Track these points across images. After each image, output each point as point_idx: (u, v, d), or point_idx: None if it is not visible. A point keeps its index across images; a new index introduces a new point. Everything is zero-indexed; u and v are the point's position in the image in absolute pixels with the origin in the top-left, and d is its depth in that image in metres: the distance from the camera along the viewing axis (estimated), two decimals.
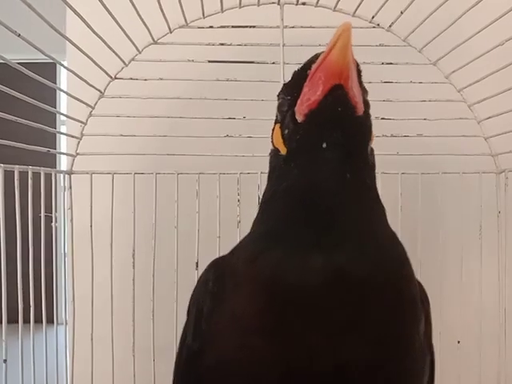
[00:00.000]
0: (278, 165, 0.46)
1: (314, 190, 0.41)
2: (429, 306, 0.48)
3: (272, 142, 0.49)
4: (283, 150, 0.46)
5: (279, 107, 0.47)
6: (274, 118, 0.50)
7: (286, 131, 0.45)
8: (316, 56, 0.43)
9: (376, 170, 0.47)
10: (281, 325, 0.39)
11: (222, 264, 0.47)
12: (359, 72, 0.44)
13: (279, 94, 0.48)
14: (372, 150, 0.46)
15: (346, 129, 0.41)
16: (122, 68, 0.81)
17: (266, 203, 0.47)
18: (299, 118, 0.43)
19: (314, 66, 0.42)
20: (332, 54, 0.39)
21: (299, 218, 0.41)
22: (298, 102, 0.43)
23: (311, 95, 0.41)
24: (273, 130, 0.49)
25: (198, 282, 0.49)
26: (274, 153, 0.48)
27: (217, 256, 0.50)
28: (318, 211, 0.41)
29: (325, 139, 0.41)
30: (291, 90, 0.45)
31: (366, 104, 0.44)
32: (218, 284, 0.45)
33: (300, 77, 0.44)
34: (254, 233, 0.46)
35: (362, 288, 0.39)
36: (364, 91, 0.44)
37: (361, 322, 0.39)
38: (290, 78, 0.48)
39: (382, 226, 0.43)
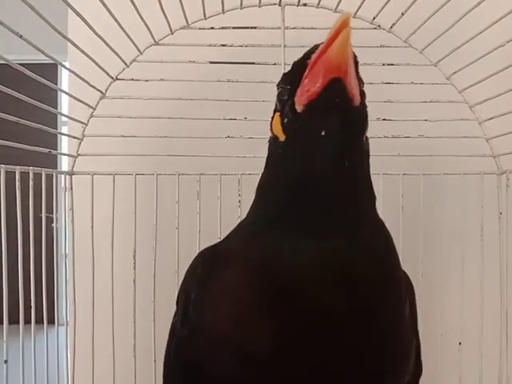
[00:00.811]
0: (276, 151, 0.47)
1: (312, 176, 0.43)
2: (413, 294, 0.51)
3: (271, 129, 0.50)
4: (282, 137, 0.47)
5: (279, 96, 0.48)
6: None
7: (286, 120, 0.46)
8: (315, 47, 0.44)
9: (377, 171, 0.47)
10: (271, 302, 0.41)
11: (211, 250, 0.49)
12: (356, 63, 0.45)
13: (279, 83, 0.49)
14: (367, 138, 0.47)
15: (343, 118, 0.42)
16: (124, 69, 0.81)
17: (263, 188, 0.48)
18: (299, 107, 0.44)
19: (313, 56, 0.43)
20: (331, 50, 0.40)
21: (295, 203, 0.43)
22: (298, 92, 0.44)
23: (311, 86, 0.42)
24: (272, 118, 0.50)
25: (188, 270, 0.51)
26: (273, 140, 0.49)
27: None
28: (315, 197, 0.42)
29: (323, 127, 0.42)
30: (291, 80, 0.46)
31: (363, 94, 0.45)
32: (205, 268, 0.47)
33: (300, 67, 0.45)
34: (250, 217, 0.48)
35: (351, 270, 0.41)
36: (360, 82, 0.45)
37: (349, 300, 0.41)
38: (289, 69, 0.48)
39: (373, 213, 0.46)
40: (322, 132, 0.42)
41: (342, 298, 0.40)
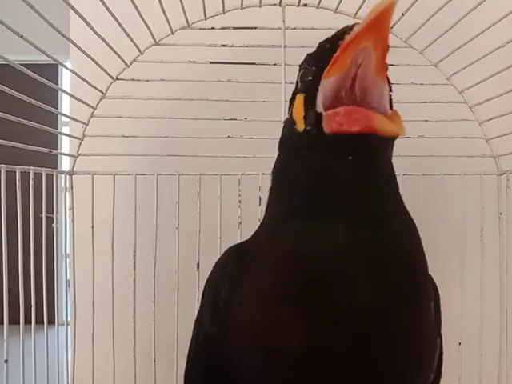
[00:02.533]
0: (291, 137, 0.46)
1: (335, 167, 0.42)
2: (438, 294, 0.50)
3: (291, 111, 0.48)
4: (301, 126, 0.45)
5: (302, 77, 0.46)
6: (295, 85, 0.49)
7: (308, 120, 0.44)
8: (349, 27, 0.42)
9: None
10: (305, 297, 0.40)
11: (239, 248, 0.48)
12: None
13: (302, 63, 0.47)
14: None
15: (370, 150, 0.42)
16: (124, 69, 0.81)
17: (281, 177, 0.47)
18: (326, 128, 0.42)
19: (347, 38, 0.40)
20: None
21: (319, 194, 0.42)
22: (329, 113, 0.41)
23: (345, 123, 0.40)
24: (292, 99, 0.49)
25: (215, 266, 0.49)
26: (290, 122, 0.47)
27: (218, 257, 0.50)
28: (339, 187, 0.42)
29: (350, 155, 0.41)
30: (318, 60, 0.44)
31: (391, 101, 0.44)
32: (236, 266, 0.45)
33: (330, 47, 0.43)
34: (272, 210, 0.47)
35: (382, 258, 0.40)
36: (389, 86, 0.44)
37: (381, 287, 0.40)
38: (315, 49, 0.46)
39: (398, 203, 0.45)
40: (348, 157, 0.41)
41: (375, 287, 0.40)
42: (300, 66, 0.47)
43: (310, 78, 0.45)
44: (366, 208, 0.41)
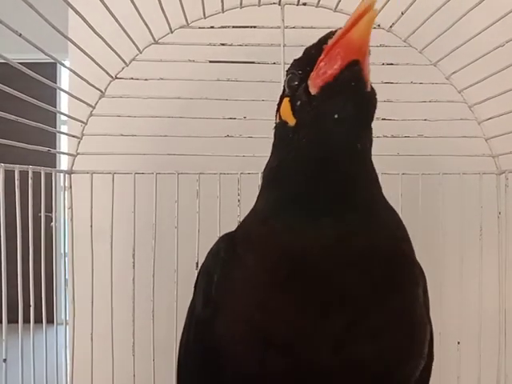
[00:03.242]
0: (286, 135, 0.47)
1: (326, 159, 0.43)
2: (425, 280, 0.50)
3: (278, 115, 0.50)
4: (291, 121, 0.47)
5: (289, 81, 0.48)
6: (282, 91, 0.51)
7: (298, 103, 0.46)
8: (331, 33, 0.44)
9: (377, 171, 0.48)
10: (291, 282, 0.41)
11: (232, 236, 0.49)
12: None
13: (289, 69, 0.49)
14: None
15: (357, 102, 0.43)
16: (123, 68, 0.81)
17: (273, 172, 0.48)
18: (313, 90, 0.44)
19: (331, 41, 0.43)
20: (355, 31, 0.40)
21: (310, 185, 0.44)
22: (313, 74, 0.44)
23: (327, 69, 0.43)
24: (279, 104, 0.50)
25: (209, 254, 0.50)
26: (281, 124, 0.49)
27: None
28: (329, 178, 0.43)
29: (337, 111, 0.43)
30: (304, 65, 0.47)
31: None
32: (229, 252, 0.47)
33: (315, 52, 0.45)
34: (264, 200, 0.48)
35: (369, 246, 0.42)
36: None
37: (369, 276, 0.41)
38: (301, 54, 0.48)
39: (381, 195, 0.47)
40: (334, 115, 0.42)
41: (363, 276, 0.41)
42: (287, 71, 0.50)
43: (297, 82, 0.47)
44: (352, 197, 0.43)
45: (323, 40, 0.45)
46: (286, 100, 0.48)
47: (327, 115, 0.43)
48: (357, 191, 0.43)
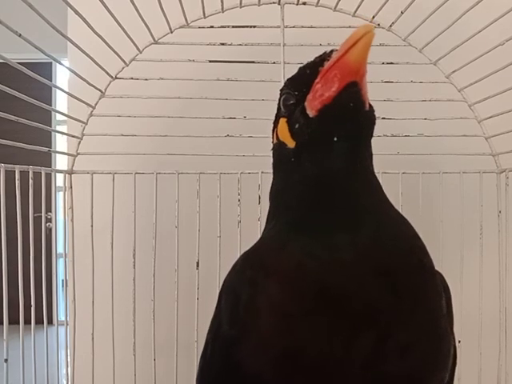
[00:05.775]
0: (286, 157, 0.47)
1: (330, 179, 0.44)
2: (449, 293, 0.50)
3: (276, 135, 0.50)
4: (291, 144, 0.47)
5: (284, 101, 0.48)
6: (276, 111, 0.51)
7: (297, 125, 0.46)
8: (327, 54, 0.44)
9: (377, 170, 0.48)
10: (318, 305, 0.41)
11: (255, 255, 0.48)
12: None
13: (283, 88, 0.49)
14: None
15: (356, 123, 0.43)
16: (123, 68, 0.81)
17: (280, 195, 0.48)
18: (311, 112, 0.44)
19: (327, 64, 0.43)
20: (352, 54, 0.40)
21: (319, 205, 0.44)
22: (310, 97, 0.44)
23: (325, 91, 0.43)
24: (275, 124, 0.50)
25: (233, 271, 0.50)
26: (279, 146, 0.49)
27: (217, 255, 0.50)
28: (335, 197, 0.43)
29: (336, 133, 0.43)
30: (300, 86, 0.46)
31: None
32: (256, 272, 0.46)
33: (310, 73, 0.45)
34: (277, 223, 0.48)
35: (389, 260, 0.41)
36: None
37: (392, 291, 0.41)
38: (295, 73, 0.48)
39: (391, 206, 0.46)
40: (334, 138, 0.43)
41: (386, 292, 0.40)
42: (281, 90, 0.49)
43: (293, 101, 0.47)
44: (364, 212, 0.43)
45: (319, 62, 0.45)
46: (283, 121, 0.48)
47: (327, 138, 0.43)
48: (366, 205, 0.43)
